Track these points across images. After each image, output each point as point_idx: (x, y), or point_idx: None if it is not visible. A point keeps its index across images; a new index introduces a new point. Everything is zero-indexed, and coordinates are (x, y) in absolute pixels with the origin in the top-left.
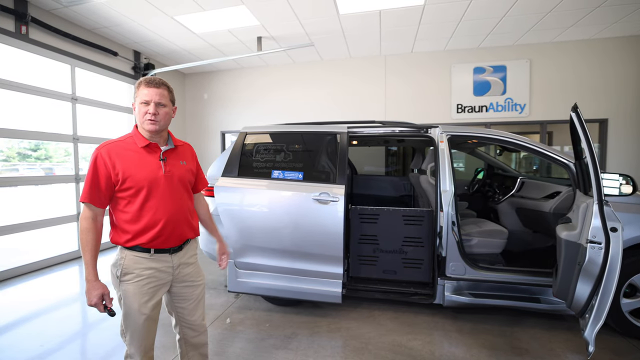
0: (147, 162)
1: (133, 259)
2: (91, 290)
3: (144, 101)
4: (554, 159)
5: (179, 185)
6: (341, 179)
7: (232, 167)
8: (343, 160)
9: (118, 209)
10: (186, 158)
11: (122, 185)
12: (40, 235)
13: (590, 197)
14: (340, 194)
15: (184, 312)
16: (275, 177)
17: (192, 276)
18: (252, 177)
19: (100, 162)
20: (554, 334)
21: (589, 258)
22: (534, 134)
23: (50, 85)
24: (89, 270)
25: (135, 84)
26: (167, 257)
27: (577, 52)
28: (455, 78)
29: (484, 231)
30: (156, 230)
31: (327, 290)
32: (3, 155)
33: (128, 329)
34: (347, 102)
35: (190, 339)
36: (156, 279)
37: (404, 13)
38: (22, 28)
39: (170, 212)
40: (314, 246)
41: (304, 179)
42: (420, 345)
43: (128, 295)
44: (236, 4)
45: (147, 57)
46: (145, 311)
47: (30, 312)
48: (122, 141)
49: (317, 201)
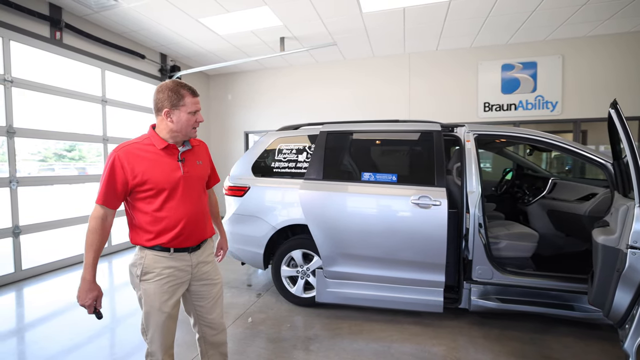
0: (167, 164)
1: (153, 259)
2: (87, 291)
3: (191, 110)
4: (590, 159)
5: (196, 186)
6: (441, 181)
7: (316, 170)
8: (441, 160)
9: (138, 209)
10: (202, 157)
11: (142, 186)
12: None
13: (630, 200)
14: (442, 198)
15: (202, 311)
16: (366, 179)
17: (210, 274)
18: (339, 180)
19: (117, 164)
20: (589, 343)
21: (629, 264)
22: (567, 133)
23: (82, 88)
24: (88, 271)
25: (172, 90)
26: (186, 256)
27: (613, 47)
28: (482, 76)
29: (513, 234)
30: (177, 230)
31: (427, 299)
32: (40, 156)
33: (149, 327)
34: (371, 101)
35: (209, 338)
36: (176, 277)
37: (428, 10)
38: (56, 34)
39: (190, 212)
40: (413, 253)
41: (398, 181)
42: (445, 351)
43: (149, 294)
44: (259, 4)
45: (173, 59)
46: (165, 309)
47: (63, 307)
48: (139, 142)
49: (416, 205)
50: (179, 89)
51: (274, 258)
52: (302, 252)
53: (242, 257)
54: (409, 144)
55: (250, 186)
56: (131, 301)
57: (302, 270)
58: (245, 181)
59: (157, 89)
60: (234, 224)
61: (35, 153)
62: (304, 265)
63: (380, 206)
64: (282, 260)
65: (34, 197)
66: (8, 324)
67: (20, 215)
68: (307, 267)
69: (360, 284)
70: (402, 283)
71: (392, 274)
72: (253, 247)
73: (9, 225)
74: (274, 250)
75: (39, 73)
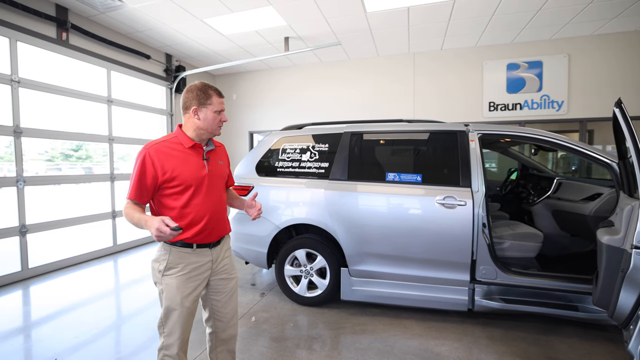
0: (193, 162)
1: (177, 254)
2: (153, 221)
3: (218, 110)
4: (595, 159)
5: (219, 184)
6: (466, 181)
7: (341, 171)
8: (466, 160)
9: (164, 205)
10: (222, 158)
11: (170, 182)
12: (78, 231)
13: (635, 200)
14: (467, 198)
15: (218, 305)
16: (391, 179)
17: (228, 269)
18: (364, 180)
19: (147, 161)
20: (594, 344)
21: (634, 265)
22: (573, 133)
23: (88, 88)
24: (144, 219)
25: (200, 90)
26: (208, 252)
27: (619, 46)
28: (487, 75)
29: (517, 234)
30: (200, 225)
31: (453, 297)
32: (48, 156)
33: (167, 322)
34: (375, 100)
35: (220, 333)
36: (198, 272)
37: (433, 9)
38: (62, 34)
39: (213, 209)
40: (439, 252)
41: (423, 181)
42: (448, 351)
43: (171, 288)
44: (263, 5)
45: (178, 59)
46: (186, 304)
47: (67, 305)
48: (167, 141)
49: (442, 205)
50: (206, 89)
51: (278, 257)
52: (306, 252)
53: (246, 256)
54: (433, 144)
55: (254, 186)
56: (136, 300)
57: (305, 270)
58: (249, 180)
59: (186, 89)
60: (237, 223)
61: (42, 153)
62: (307, 265)
63: (406, 206)
64: (285, 259)
65: (40, 197)
66: (14, 322)
67: (27, 214)
68: (310, 267)
69: (385, 282)
70: (427, 282)
71: (417, 272)
72: (257, 246)
73: (16, 224)
74: (278, 250)
75: (45, 73)
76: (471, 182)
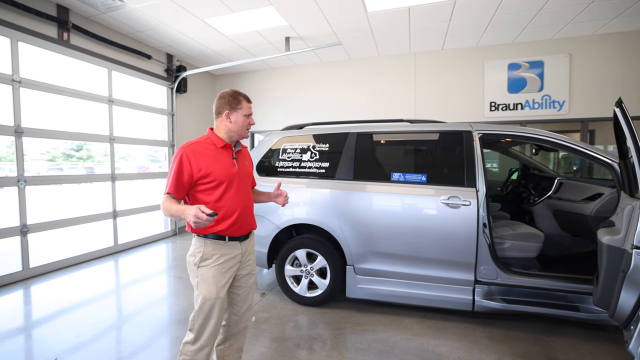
0: (225, 160)
1: (212, 246)
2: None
3: (247, 114)
4: (596, 159)
5: (247, 181)
6: (471, 181)
7: (347, 171)
8: (471, 160)
9: (199, 200)
10: (247, 159)
11: (205, 179)
12: (79, 230)
13: (636, 200)
14: (472, 198)
15: (236, 299)
16: (396, 179)
17: (251, 265)
18: (369, 180)
19: (184, 159)
20: (595, 345)
21: (634, 265)
22: (574, 133)
23: (89, 88)
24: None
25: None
26: (238, 245)
27: (620, 45)
28: (488, 75)
29: (518, 234)
30: (233, 218)
31: (457, 297)
32: (49, 155)
33: (201, 316)
34: (376, 101)
35: (233, 327)
36: (230, 264)
37: (434, 9)
38: (63, 34)
39: (243, 204)
40: (442, 252)
41: (428, 181)
42: (449, 352)
43: (207, 278)
44: (264, 5)
45: (179, 59)
46: (221, 294)
47: (68, 305)
48: (201, 142)
49: (446, 205)
50: (237, 95)
51: (278, 257)
52: (306, 252)
53: None
54: (438, 144)
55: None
56: (137, 300)
57: (306, 270)
58: None
59: (219, 96)
60: None
61: (44, 153)
62: (308, 265)
63: (410, 206)
64: (286, 259)
65: (42, 196)
66: (15, 321)
67: (28, 214)
68: (311, 267)
69: (390, 280)
70: (432, 281)
71: (422, 271)
72: (257, 246)
73: (17, 224)
74: (278, 250)
75: (46, 73)
76: (476, 182)
